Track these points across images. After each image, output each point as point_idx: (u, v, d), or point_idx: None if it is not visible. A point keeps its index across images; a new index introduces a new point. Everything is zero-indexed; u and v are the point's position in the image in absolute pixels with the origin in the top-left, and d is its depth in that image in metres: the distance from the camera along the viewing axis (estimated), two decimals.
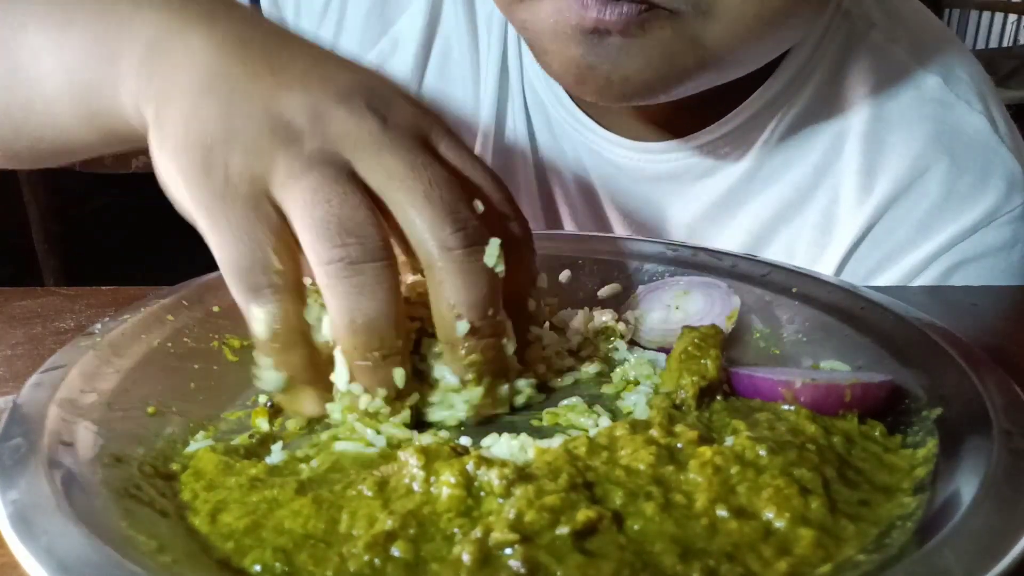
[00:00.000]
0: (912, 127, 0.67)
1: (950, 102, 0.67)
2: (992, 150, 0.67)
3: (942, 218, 0.67)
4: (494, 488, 0.34)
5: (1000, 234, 0.67)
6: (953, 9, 4.12)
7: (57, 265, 1.52)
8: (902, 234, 0.68)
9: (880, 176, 0.67)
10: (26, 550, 0.29)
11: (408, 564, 0.31)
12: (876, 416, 0.41)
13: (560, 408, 0.44)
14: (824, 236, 0.69)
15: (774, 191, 0.70)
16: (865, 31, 0.68)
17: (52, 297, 0.61)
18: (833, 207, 0.69)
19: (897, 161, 0.67)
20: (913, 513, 0.33)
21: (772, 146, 0.68)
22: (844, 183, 0.68)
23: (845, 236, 0.69)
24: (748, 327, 0.53)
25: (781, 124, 0.68)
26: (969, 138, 0.67)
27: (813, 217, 0.70)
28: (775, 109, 0.67)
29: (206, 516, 0.35)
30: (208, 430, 0.43)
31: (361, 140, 0.39)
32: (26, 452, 0.34)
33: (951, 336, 0.44)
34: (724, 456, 0.36)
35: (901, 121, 0.67)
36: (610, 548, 0.31)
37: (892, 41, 0.68)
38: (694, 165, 0.69)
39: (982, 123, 0.67)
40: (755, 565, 0.31)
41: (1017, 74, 3.10)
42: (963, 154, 0.66)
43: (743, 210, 0.71)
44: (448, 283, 0.39)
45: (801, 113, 0.68)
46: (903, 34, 0.69)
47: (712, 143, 0.68)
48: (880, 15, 0.69)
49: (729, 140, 0.68)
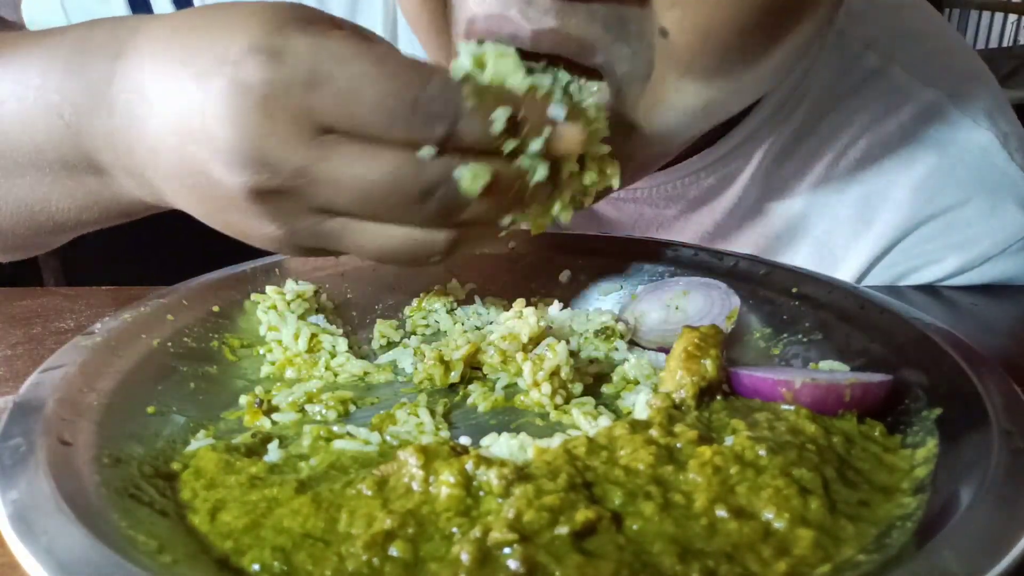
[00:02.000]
0: (912, 151, 0.64)
1: (954, 119, 0.63)
2: (1000, 170, 0.63)
3: (947, 249, 0.64)
4: (493, 488, 0.34)
5: (1011, 265, 0.64)
6: (953, 9, 4.12)
7: (57, 265, 1.52)
8: (906, 266, 0.66)
9: (879, 206, 0.64)
10: (26, 550, 0.29)
11: (406, 564, 0.31)
12: (876, 416, 0.41)
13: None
14: (820, 270, 0.66)
15: (763, 224, 0.67)
16: (860, 53, 0.65)
17: (52, 297, 0.61)
18: (828, 239, 0.66)
19: (898, 189, 0.64)
20: (913, 513, 0.33)
21: (760, 177, 0.66)
22: (840, 213, 0.66)
23: (843, 272, 0.66)
24: (748, 327, 0.53)
25: (768, 154, 0.65)
26: (976, 159, 0.63)
27: (806, 249, 0.67)
28: (760, 140, 0.64)
29: (205, 515, 0.35)
30: (208, 430, 0.43)
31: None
32: (26, 452, 0.34)
33: (951, 336, 0.44)
34: (724, 456, 0.36)
35: (900, 145, 0.64)
36: (609, 548, 0.31)
37: (889, 61, 0.64)
38: (677, 195, 0.67)
39: (989, 140, 0.63)
40: (754, 565, 0.31)
41: (1017, 74, 3.10)
42: (969, 178, 0.63)
43: (732, 243, 0.68)
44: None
45: (790, 142, 0.65)
46: (904, 51, 0.65)
47: (693, 174, 0.65)
48: (879, 32, 0.65)
49: (711, 171, 0.65)
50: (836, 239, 0.67)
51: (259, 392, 0.46)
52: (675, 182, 0.66)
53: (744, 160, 0.65)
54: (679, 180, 0.66)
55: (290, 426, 0.44)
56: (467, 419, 0.45)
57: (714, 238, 0.69)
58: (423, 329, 0.56)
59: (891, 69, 0.64)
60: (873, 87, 0.64)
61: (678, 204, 0.68)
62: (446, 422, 0.44)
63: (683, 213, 0.68)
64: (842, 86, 0.64)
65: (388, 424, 0.43)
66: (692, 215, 0.68)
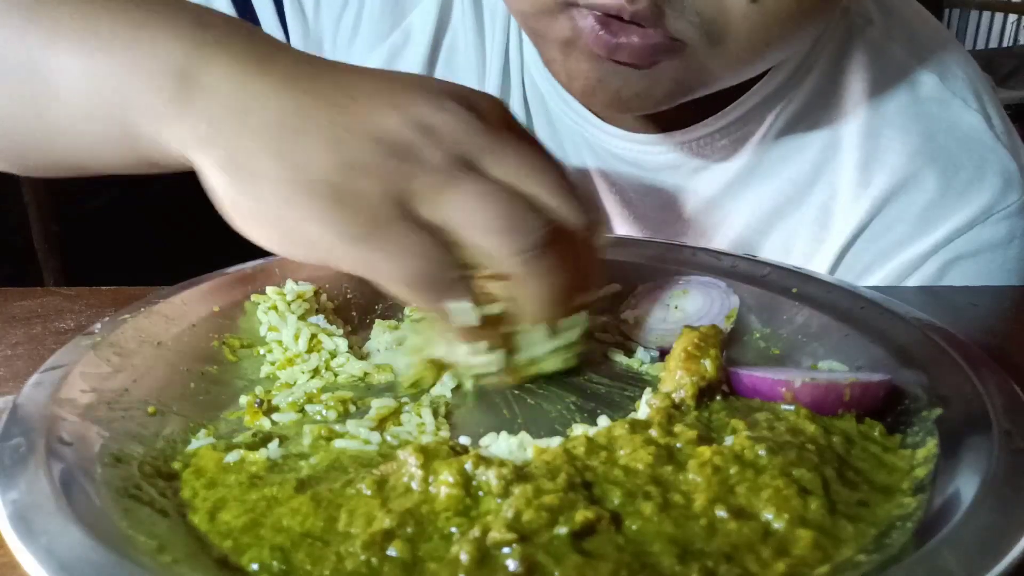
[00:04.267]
0: (908, 124, 0.67)
1: (946, 100, 0.67)
2: (987, 147, 0.67)
3: (938, 215, 0.67)
4: (492, 487, 0.34)
5: (996, 230, 0.67)
6: (953, 9, 4.12)
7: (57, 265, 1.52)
8: (898, 230, 0.68)
9: (876, 172, 0.67)
10: (26, 550, 0.29)
11: (405, 563, 0.31)
12: (875, 416, 0.41)
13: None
14: (821, 231, 0.69)
15: (771, 186, 0.70)
16: (863, 27, 0.68)
17: (52, 297, 0.61)
18: (830, 203, 0.69)
19: (893, 157, 0.67)
20: (913, 513, 0.33)
21: (769, 141, 0.69)
22: (841, 179, 0.69)
23: (842, 232, 0.69)
24: (748, 327, 0.53)
25: (779, 120, 0.68)
26: (964, 135, 0.67)
27: (811, 212, 0.70)
28: (772, 104, 0.67)
29: (205, 514, 0.35)
30: (208, 429, 0.43)
31: (476, 140, 0.42)
32: (26, 452, 0.34)
33: (951, 336, 0.44)
34: (723, 456, 0.36)
35: (897, 118, 0.67)
36: (608, 548, 0.31)
37: (889, 39, 0.68)
38: (690, 158, 0.70)
39: (977, 120, 0.67)
40: (753, 566, 0.31)
41: (1017, 74, 3.10)
42: (958, 151, 0.67)
43: (740, 205, 0.71)
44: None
45: (799, 109, 0.68)
46: (900, 32, 0.69)
47: (708, 136, 0.68)
48: (877, 13, 0.69)
49: (725, 134, 0.68)
50: (838, 202, 0.69)
51: (259, 392, 0.46)
52: (691, 143, 0.69)
53: (756, 124, 0.68)
54: (695, 141, 0.68)
55: (290, 426, 0.44)
56: (467, 419, 0.45)
57: (723, 199, 0.71)
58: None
59: (891, 46, 0.68)
60: (875, 61, 0.68)
61: (691, 165, 0.70)
62: (446, 422, 0.44)
63: (696, 172, 0.71)
64: (847, 58, 0.68)
65: (389, 424, 0.43)
66: (704, 174, 0.71)
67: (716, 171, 0.70)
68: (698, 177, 0.71)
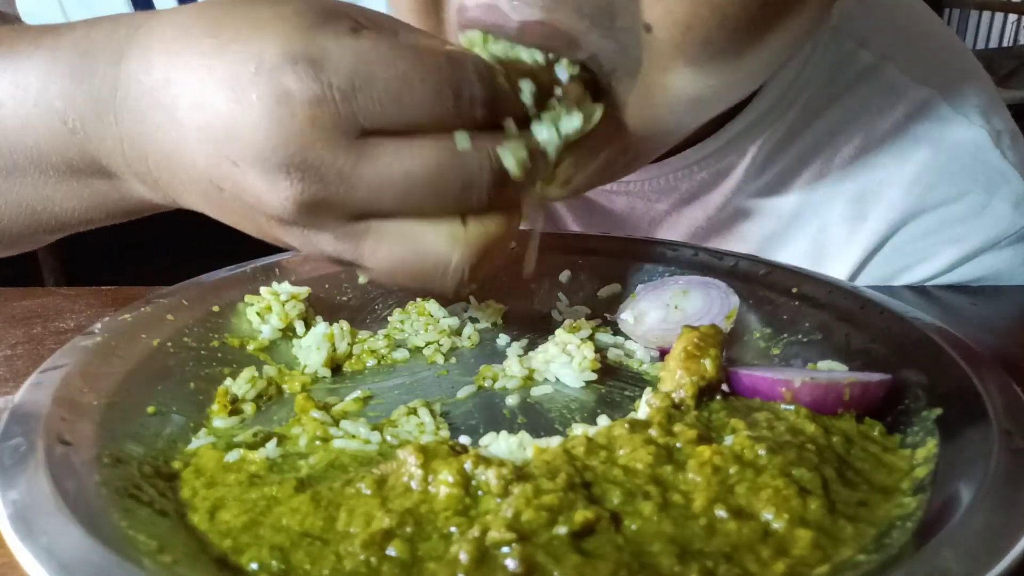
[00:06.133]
0: (906, 148, 0.64)
1: (947, 117, 0.64)
2: (993, 167, 0.64)
3: (941, 244, 0.65)
4: (492, 487, 0.34)
5: (1002, 259, 0.65)
6: (953, 9, 4.12)
7: (57, 265, 1.52)
8: (899, 263, 0.66)
9: (873, 202, 0.65)
10: (26, 550, 0.29)
11: (405, 563, 0.31)
12: (875, 415, 0.41)
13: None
14: (813, 266, 0.65)
15: (756, 220, 0.67)
16: (854, 51, 0.65)
17: (52, 297, 0.62)
18: (822, 236, 0.67)
19: (891, 187, 0.64)
20: (912, 513, 0.33)
21: (754, 173, 0.66)
22: (833, 211, 0.66)
23: (837, 268, 0.66)
24: (748, 327, 0.53)
25: (762, 151, 0.65)
26: (969, 155, 0.64)
27: (802, 246, 0.67)
28: (755, 135, 0.64)
29: (205, 513, 0.35)
30: (208, 429, 0.43)
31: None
32: (26, 452, 0.34)
33: (951, 336, 0.44)
34: (723, 456, 0.36)
35: (894, 142, 0.64)
36: (608, 548, 0.31)
37: (884, 59, 0.65)
38: (669, 189, 0.67)
39: (982, 137, 0.64)
40: (753, 566, 0.31)
41: (1017, 74, 3.10)
42: (962, 174, 0.64)
43: (725, 240, 0.68)
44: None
45: (784, 139, 0.65)
46: (898, 48, 0.65)
47: (688, 168, 0.65)
48: (873, 30, 0.66)
49: (705, 165, 0.65)
50: (830, 236, 0.67)
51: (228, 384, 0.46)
52: (667, 175, 0.66)
53: (738, 155, 0.65)
54: (672, 174, 0.66)
55: (290, 425, 0.44)
56: (467, 419, 0.45)
57: (707, 234, 0.69)
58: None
59: (885, 67, 0.65)
60: (867, 85, 0.65)
61: (670, 198, 0.68)
62: (446, 422, 0.44)
63: (675, 208, 0.68)
64: (836, 84, 0.65)
65: (389, 424, 0.43)
66: (684, 210, 0.68)
67: (696, 207, 0.68)
68: (677, 213, 0.68)
